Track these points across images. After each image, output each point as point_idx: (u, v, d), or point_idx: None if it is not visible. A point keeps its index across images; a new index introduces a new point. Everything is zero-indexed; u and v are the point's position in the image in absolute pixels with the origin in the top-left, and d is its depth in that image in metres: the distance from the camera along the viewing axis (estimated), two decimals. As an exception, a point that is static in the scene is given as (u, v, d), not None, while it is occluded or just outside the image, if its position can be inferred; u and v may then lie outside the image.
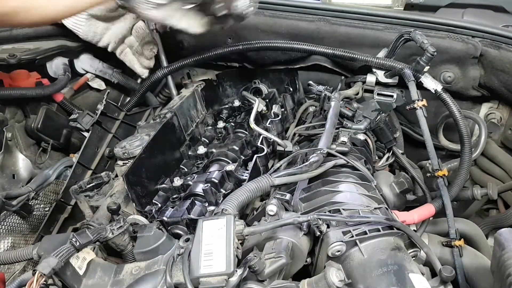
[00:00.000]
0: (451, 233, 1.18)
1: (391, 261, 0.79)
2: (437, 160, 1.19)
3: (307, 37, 1.55)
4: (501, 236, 0.77)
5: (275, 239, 0.88)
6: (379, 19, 1.49)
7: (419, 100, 1.19)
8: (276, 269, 0.81)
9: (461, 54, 1.42)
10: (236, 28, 1.65)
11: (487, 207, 1.60)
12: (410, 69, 1.27)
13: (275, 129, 1.48)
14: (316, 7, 1.57)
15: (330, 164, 1.11)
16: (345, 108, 1.36)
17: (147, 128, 1.35)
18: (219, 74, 1.76)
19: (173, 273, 0.79)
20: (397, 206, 1.26)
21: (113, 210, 1.04)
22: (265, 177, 0.99)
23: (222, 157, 1.31)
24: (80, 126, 1.49)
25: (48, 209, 1.40)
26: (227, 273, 0.72)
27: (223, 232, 0.78)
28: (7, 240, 1.31)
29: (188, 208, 1.07)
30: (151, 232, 0.90)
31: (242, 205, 0.94)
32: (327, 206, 0.96)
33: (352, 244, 0.83)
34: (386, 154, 1.47)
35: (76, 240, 0.80)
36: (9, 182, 1.39)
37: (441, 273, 0.78)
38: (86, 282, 0.84)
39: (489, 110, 1.58)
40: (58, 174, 1.48)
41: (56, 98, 1.56)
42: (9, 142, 1.42)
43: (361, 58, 1.40)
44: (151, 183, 1.21)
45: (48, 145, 1.55)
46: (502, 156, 1.50)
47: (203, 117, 1.58)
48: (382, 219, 0.87)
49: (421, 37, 1.21)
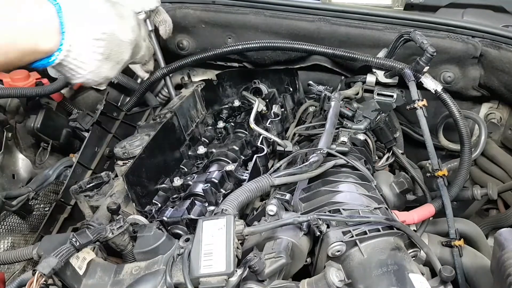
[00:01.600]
0: (451, 233, 1.18)
1: (391, 261, 0.79)
2: (437, 160, 1.19)
3: (307, 37, 1.55)
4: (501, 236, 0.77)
5: (275, 239, 0.88)
6: (379, 19, 1.49)
7: (420, 100, 1.19)
8: (276, 269, 0.81)
9: (461, 54, 1.42)
10: (236, 28, 1.65)
11: (487, 207, 1.59)
12: (410, 69, 1.27)
13: (275, 129, 1.48)
14: (316, 7, 1.57)
15: (330, 164, 1.11)
16: (345, 108, 1.36)
17: (147, 128, 1.35)
18: (219, 74, 1.76)
19: (173, 273, 0.80)
20: (397, 206, 1.26)
21: (113, 210, 1.04)
22: (265, 177, 0.99)
23: (222, 157, 1.31)
24: (80, 126, 1.49)
25: (48, 209, 1.40)
26: (227, 273, 0.72)
27: (223, 232, 0.78)
28: (7, 240, 1.31)
29: (188, 208, 1.07)
30: (151, 232, 0.90)
31: (242, 205, 0.94)
32: (327, 206, 0.96)
33: (352, 244, 0.83)
34: (386, 154, 1.47)
35: (76, 240, 0.80)
36: (9, 182, 1.39)
37: (441, 273, 0.78)
38: (86, 282, 0.84)
39: (489, 110, 1.58)
40: (58, 174, 1.48)
41: (56, 98, 1.56)
42: (9, 142, 1.42)
43: (361, 58, 1.40)
44: (151, 183, 1.20)
45: (48, 145, 1.55)
46: (502, 156, 1.50)
47: (203, 117, 1.58)
48: (382, 219, 0.87)
49: (420, 37, 1.21)
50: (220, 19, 1.66)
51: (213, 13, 1.66)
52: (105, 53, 0.86)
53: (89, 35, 0.82)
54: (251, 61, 1.72)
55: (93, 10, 0.85)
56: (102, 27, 0.84)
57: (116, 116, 1.59)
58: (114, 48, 0.89)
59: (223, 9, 1.65)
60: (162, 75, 1.57)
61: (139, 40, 1.00)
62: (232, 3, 1.64)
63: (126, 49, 0.92)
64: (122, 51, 0.92)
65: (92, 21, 0.83)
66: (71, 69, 0.83)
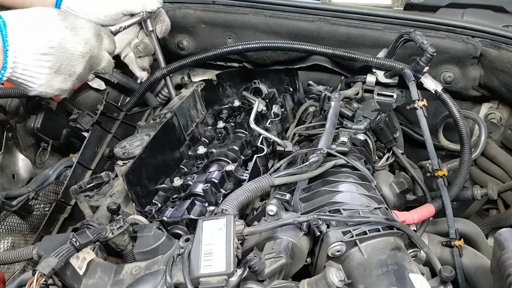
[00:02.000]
0: (451, 233, 1.18)
1: (391, 261, 0.79)
2: (437, 160, 1.19)
3: (307, 37, 1.55)
4: (501, 236, 0.77)
5: (275, 239, 0.88)
6: (379, 19, 1.49)
7: (420, 100, 1.19)
8: (276, 269, 0.81)
9: (461, 54, 1.42)
10: (236, 28, 1.65)
11: (487, 207, 1.59)
12: (410, 69, 1.27)
13: (275, 129, 1.48)
14: (316, 7, 1.57)
15: (330, 164, 1.11)
16: (345, 108, 1.36)
17: (147, 128, 1.35)
18: (219, 74, 1.76)
19: (173, 273, 0.80)
20: (397, 206, 1.26)
21: (113, 210, 1.04)
22: (265, 177, 0.99)
23: (222, 157, 1.31)
24: (80, 126, 1.49)
25: (48, 209, 1.40)
26: (227, 273, 0.72)
27: (223, 232, 0.78)
28: (7, 240, 1.31)
29: (188, 208, 1.07)
30: (151, 232, 0.90)
31: (242, 205, 0.94)
32: (327, 206, 0.96)
33: (352, 244, 0.83)
34: (386, 154, 1.47)
35: (76, 240, 0.80)
36: (9, 182, 1.39)
37: (441, 273, 0.78)
38: (86, 282, 0.84)
39: (489, 110, 1.58)
40: (58, 174, 1.48)
41: (56, 98, 1.56)
42: (9, 142, 1.42)
43: (361, 58, 1.40)
44: (151, 183, 1.21)
45: (48, 145, 1.55)
46: (502, 156, 1.50)
47: (203, 117, 1.58)
48: (382, 219, 0.87)
49: (420, 37, 1.21)
50: (220, 19, 1.66)
51: (213, 13, 1.66)
52: (53, 67, 0.85)
53: (33, 49, 0.81)
54: (251, 61, 1.72)
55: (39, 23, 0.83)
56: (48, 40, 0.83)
57: (116, 116, 1.59)
58: (64, 61, 0.87)
59: (223, 9, 1.65)
60: (162, 75, 1.57)
61: (97, 52, 0.97)
62: (232, 3, 1.64)
63: (77, 62, 0.90)
64: (73, 64, 0.90)
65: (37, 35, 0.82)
66: (21, 83, 0.84)
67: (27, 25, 0.81)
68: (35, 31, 0.82)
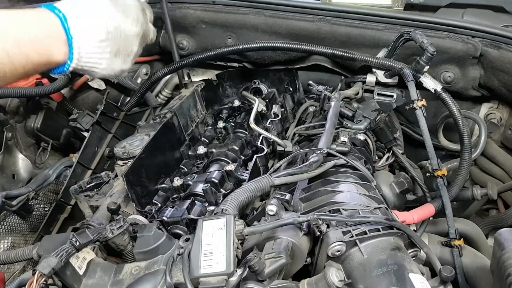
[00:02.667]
0: (451, 233, 1.18)
1: (391, 261, 0.79)
2: (436, 160, 1.19)
3: (307, 37, 1.55)
4: (501, 236, 0.77)
5: (275, 239, 0.88)
6: (379, 19, 1.49)
7: (419, 100, 1.19)
8: (276, 269, 0.81)
9: (461, 54, 1.42)
10: (236, 28, 1.65)
11: (487, 207, 1.59)
12: (410, 69, 1.27)
13: (275, 129, 1.48)
14: (316, 7, 1.57)
15: (330, 164, 1.11)
16: (345, 108, 1.36)
17: (147, 128, 1.35)
18: (219, 74, 1.76)
19: (173, 273, 0.80)
20: (397, 206, 1.26)
21: (113, 210, 1.04)
22: (265, 177, 0.99)
23: (222, 157, 1.31)
24: (80, 126, 1.49)
25: (48, 209, 1.40)
26: (227, 273, 0.72)
27: (223, 232, 0.78)
28: (7, 240, 1.31)
29: (188, 208, 1.07)
30: (151, 232, 0.90)
31: (242, 205, 0.94)
32: (327, 206, 0.96)
33: (352, 244, 0.83)
34: (386, 154, 1.47)
35: (76, 240, 0.80)
36: (9, 182, 1.39)
37: (441, 273, 0.78)
38: (86, 282, 0.84)
39: (489, 110, 1.58)
40: (58, 174, 1.48)
41: (56, 98, 1.56)
42: (9, 142, 1.42)
43: (361, 58, 1.40)
44: (151, 183, 1.21)
45: (48, 145, 1.55)
46: (502, 156, 1.50)
47: (203, 117, 1.58)
48: (382, 219, 0.87)
49: (421, 37, 1.21)
50: (220, 19, 1.66)
51: (213, 13, 1.66)
52: (113, 51, 0.88)
53: (93, 37, 0.84)
54: (251, 61, 1.72)
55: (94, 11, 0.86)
56: (106, 27, 0.86)
57: (116, 116, 1.59)
58: (121, 43, 0.90)
59: (223, 9, 1.65)
60: (162, 75, 1.57)
61: (146, 26, 1.00)
62: (232, 3, 1.64)
63: (133, 42, 0.94)
64: (130, 44, 0.93)
65: (94, 22, 0.85)
66: (86, 70, 0.87)
67: (84, 14, 0.84)
68: (92, 19, 0.85)
